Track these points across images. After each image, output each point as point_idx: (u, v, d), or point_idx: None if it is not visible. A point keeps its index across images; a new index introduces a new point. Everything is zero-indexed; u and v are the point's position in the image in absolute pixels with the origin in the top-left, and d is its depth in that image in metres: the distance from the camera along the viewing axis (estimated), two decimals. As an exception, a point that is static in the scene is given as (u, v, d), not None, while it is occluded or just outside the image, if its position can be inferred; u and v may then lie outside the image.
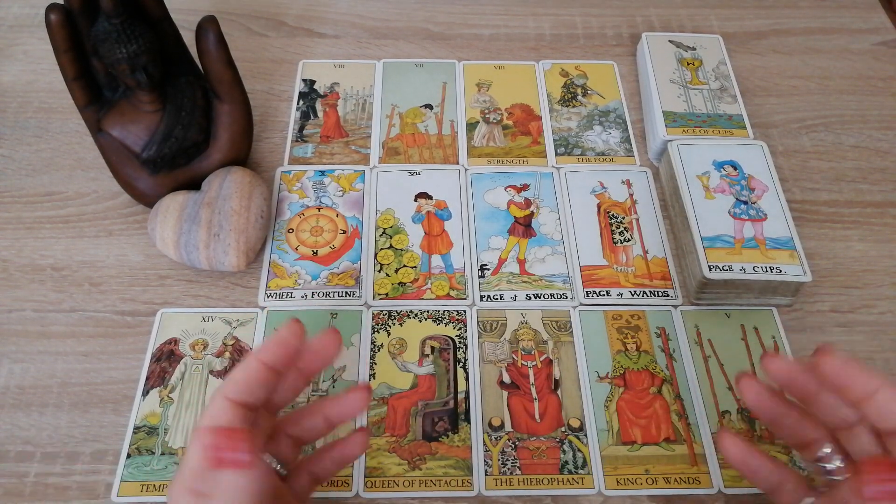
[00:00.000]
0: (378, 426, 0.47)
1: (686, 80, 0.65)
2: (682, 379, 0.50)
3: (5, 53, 0.70)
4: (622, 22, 0.75)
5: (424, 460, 0.46)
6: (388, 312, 0.53)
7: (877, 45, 0.73)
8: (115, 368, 0.50)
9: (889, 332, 0.53)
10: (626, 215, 0.58)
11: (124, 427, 0.47)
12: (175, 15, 0.53)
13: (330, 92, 0.67)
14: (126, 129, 0.53)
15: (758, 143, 0.59)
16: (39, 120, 0.64)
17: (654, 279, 0.55)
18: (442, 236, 0.57)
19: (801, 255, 0.52)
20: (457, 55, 0.71)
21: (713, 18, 0.75)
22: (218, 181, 0.54)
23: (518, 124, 0.65)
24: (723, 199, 0.55)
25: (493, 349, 0.51)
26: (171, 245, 0.52)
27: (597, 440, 0.47)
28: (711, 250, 0.52)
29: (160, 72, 0.52)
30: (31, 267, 0.55)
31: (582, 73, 0.69)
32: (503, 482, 0.45)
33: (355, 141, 0.63)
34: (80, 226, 0.57)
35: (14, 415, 0.48)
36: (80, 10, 0.48)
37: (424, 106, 0.66)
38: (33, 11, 0.74)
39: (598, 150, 0.63)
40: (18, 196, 0.59)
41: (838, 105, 0.67)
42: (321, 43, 0.72)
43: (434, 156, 0.62)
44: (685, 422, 0.48)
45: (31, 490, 0.45)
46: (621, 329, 0.52)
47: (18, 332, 0.52)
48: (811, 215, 0.59)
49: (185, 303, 0.53)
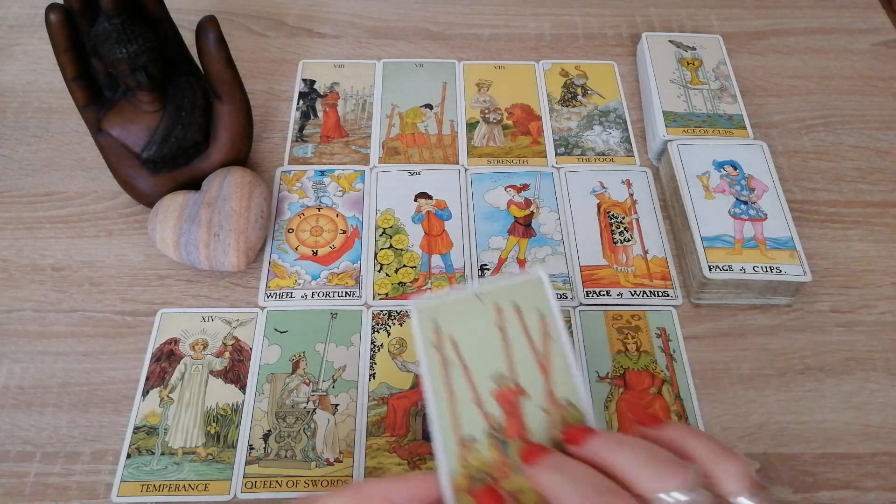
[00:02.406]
0: (378, 426, 0.47)
1: (686, 80, 0.65)
2: (682, 379, 0.50)
3: (5, 53, 0.70)
4: (622, 22, 0.75)
5: (424, 460, 0.46)
6: (388, 312, 0.53)
7: (877, 45, 0.73)
8: (115, 368, 0.50)
9: (889, 332, 0.53)
10: (626, 215, 0.58)
11: (124, 427, 0.47)
12: (175, 15, 0.53)
13: (330, 92, 0.67)
14: (126, 129, 0.53)
15: (758, 143, 0.59)
16: (39, 120, 0.64)
17: (654, 279, 0.55)
18: (442, 236, 0.57)
19: (801, 255, 0.52)
20: (457, 55, 0.71)
21: (713, 18, 0.75)
22: (218, 181, 0.54)
23: (518, 124, 0.65)
24: (723, 199, 0.55)
25: (493, 349, 0.51)
26: (171, 245, 0.52)
27: (597, 440, 0.47)
28: (711, 250, 0.52)
29: (160, 72, 0.52)
30: (31, 267, 0.55)
31: (582, 73, 0.69)
32: (503, 482, 0.45)
33: (355, 141, 0.63)
34: (80, 226, 0.57)
35: (14, 415, 0.48)
36: (80, 10, 0.48)
37: (424, 106, 0.66)
38: (33, 11, 0.74)
39: (598, 150, 0.63)
40: (18, 196, 0.59)
41: (838, 105, 0.67)
42: (321, 43, 0.72)
43: (434, 156, 0.62)
44: (685, 422, 0.48)
45: (31, 490, 0.45)
46: (621, 329, 0.52)
47: (18, 332, 0.52)
48: (811, 215, 0.59)
49: (185, 303, 0.53)
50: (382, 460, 0.46)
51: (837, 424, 0.49)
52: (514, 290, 0.35)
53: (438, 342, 0.34)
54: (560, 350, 0.34)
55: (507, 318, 0.35)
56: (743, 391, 0.50)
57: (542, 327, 0.35)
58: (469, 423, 0.33)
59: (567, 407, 0.33)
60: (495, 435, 0.33)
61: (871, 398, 0.50)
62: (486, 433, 0.32)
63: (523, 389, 0.33)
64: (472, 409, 0.33)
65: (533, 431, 0.33)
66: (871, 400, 0.50)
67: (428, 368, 0.33)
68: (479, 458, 0.32)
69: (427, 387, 0.33)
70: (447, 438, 0.32)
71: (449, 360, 0.34)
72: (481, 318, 0.34)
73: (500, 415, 0.33)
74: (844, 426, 0.49)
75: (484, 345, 0.34)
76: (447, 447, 0.32)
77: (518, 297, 0.35)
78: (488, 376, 0.34)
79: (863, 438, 0.48)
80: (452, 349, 0.34)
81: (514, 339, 0.34)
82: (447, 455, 0.32)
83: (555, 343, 0.34)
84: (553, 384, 0.34)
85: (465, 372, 0.34)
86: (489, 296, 0.35)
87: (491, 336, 0.34)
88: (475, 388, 0.33)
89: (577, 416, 0.33)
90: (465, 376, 0.33)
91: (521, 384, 0.33)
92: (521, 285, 0.35)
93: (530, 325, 0.35)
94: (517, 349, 0.34)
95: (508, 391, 0.33)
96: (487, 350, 0.34)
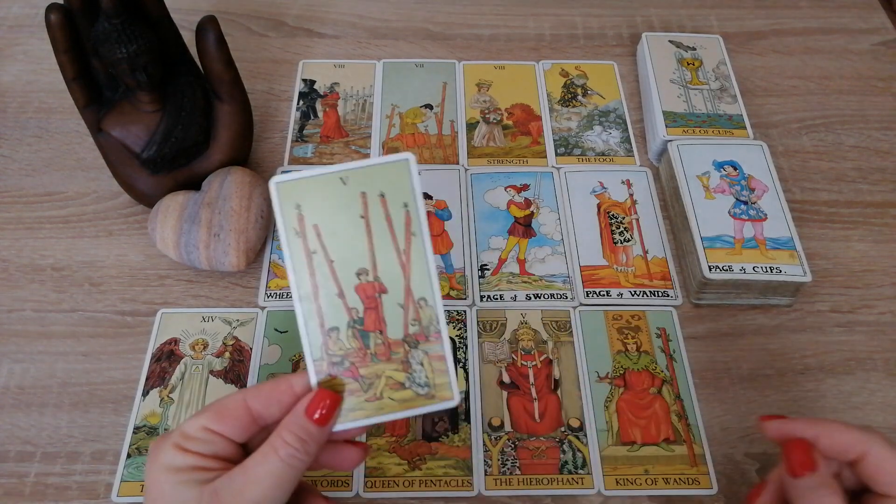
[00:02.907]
0: (378, 426, 0.47)
1: (686, 80, 0.65)
2: (683, 379, 0.50)
3: (5, 53, 0.70)
4: (622, 22, 0.75)
5: (424, 460, 0.46)
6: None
7: (877, 45, 0.73)
8: (115, 368, 0.50)
9: (889, 332, 0.53)
10: (626, 215, 0.58)
11: (124, 427, 0.47)
12: (175, 15, 0.53)
13: (330, 92, 0.67)
14: (126, 129, 0.53)
15: (758, 143, 0.59)
16: (39, 120, 0.64)
17: (654, 279, 0.55)
18: (442, 236, 0.57)
19: (801, 255, 0.52)
20: (457, 55, 0.71)
21: (713, 18, 0.75)
22: (218, 181, 0.54)
23: (518, 124, 0.65)
24: (723, 199, 0.55)
25: (493, 349, 0.51)
26: (171, 245, 0.52)
27: (596, 440, 0.47)
28: (711, 250, 0.52)
29: (160, 72, 0.52)
30: (31, 267, 0.55)
31: (582, 74, 0.69)
32: (503, 482, 0.45)
33: (355, 141, 0.63)
34: (80, 226, 0.57)
35: (14, 415, 0.48)
36: (80, 10, 0.48)
37: (424, 106, 0.66)
38: (33, 11, 0.74)
39: (598, 150, 0.63)
40: (18, 196, 0.59)
41: (838, 105, 0.67)
42: (321, 43, 0.72)
43: (434, 156, 0.62)
44: (685, 422, 0.48)
45: (31, 490, 0.45)
46: (621, 329, 0.52)
47: (18, 332, 0.52)
48: (811, 215, 0.59)
49: (185, 303, 0.53)
50: (382, 460, 0.46)
51: (837, 424, 0.49)
52: (380, 173, 0.35)
53: (302, 230, 0.35)
54: (420, 246, 0.35)
55: (372, 209, 0.35)
56: (743, 391, 0.50)
57: (405, 221, 0.35)
58: (332, 316, 0.35)
59: (421, 304, 0.35)
60: (356, 327, 0.35)
61: (871, 398, 0.50)
62: (348, 325, 0.35)
63: (384, 285, 0.35)
64: (336, 302, 0.35)
65: (389, 325, 0.35)
66: (871, 400, 0.50)
67: (292, 260, 0.35)
68: (340, 346, 0.35)
69: (291, 278, 0.34)
70: (311, 330, 0.35)
71: (313, 252, 0.35)
72: (346, 207, 0.35)
73: (361, 308, 0.35)
74: (844, 426, 0.49)
75: (348, 237, 0.35)
76: (312, 338, 0.35)
77: (384, 182, 0.35)
78: (351, 270, 0.35)
79: (863, 438, 0.48)
80: (316, 239, 0.35)
81: (377, 232, 0.35)
82: (312, 345, 0.35)
83: (416, 238, 0.35)
84: (411, 281, 0.35)
85: (329, 265, 0.35)
86: (354, 178, 0.35)
87: (355, 228, 0.35)
88: (339, 281, 0.35)
89: (430, 313, 0.35)
90: (329, 269, 0.35)
91: (382, 280, 0.35)
92: (388, 167, 0.35)
93: (394, 219, 0.35)
94: (380, 243, 0.35)
95: (370, 286, 0.35)
96: (351, 242, 0.35)
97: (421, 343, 0.35)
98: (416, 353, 0.35)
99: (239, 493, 0.32)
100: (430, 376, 0.35)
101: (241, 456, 0.34)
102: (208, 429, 0.34)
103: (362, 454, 0.37)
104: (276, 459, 0.32)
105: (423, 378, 0.35)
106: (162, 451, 0.33)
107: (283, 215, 0.34)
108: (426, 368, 0.35)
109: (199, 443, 0.33)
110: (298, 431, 0.33)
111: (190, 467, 0.33)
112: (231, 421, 0.34)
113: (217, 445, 0.34)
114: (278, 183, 0.34)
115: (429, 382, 0.35)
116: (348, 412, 0.35)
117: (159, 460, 0.33)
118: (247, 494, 0.32)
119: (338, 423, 0.35)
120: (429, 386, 0.35)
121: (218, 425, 0.34)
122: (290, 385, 0.35)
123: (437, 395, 0.35)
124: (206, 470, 0.33)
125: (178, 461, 0.33)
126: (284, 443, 0.33)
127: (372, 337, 0.35)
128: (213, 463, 0.33)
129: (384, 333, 0.35)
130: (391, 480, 0.45)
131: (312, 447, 0.33)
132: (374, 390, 0.35)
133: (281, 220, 0.34)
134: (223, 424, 0.34)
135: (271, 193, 0.34)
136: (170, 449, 0.33)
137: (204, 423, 0.34)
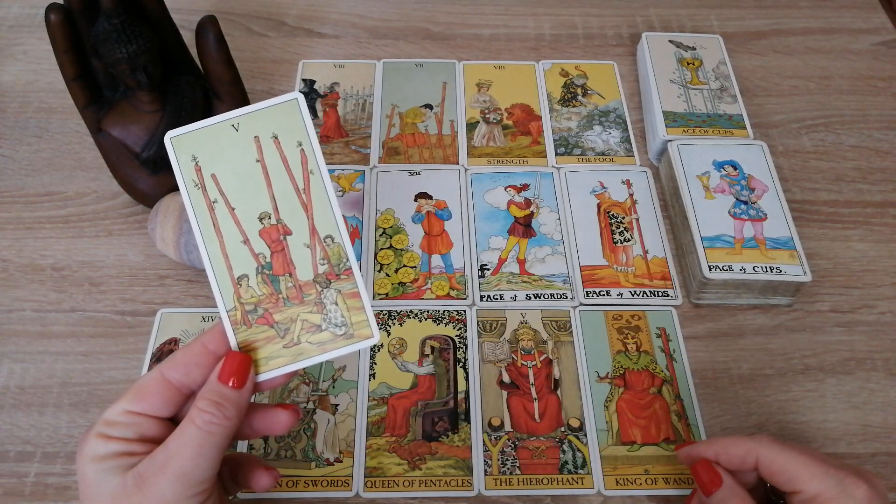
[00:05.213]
0: (378, 426, 0.47)
1: (686, 80, 0.65)
2: (682, 379, 0.50)
3: (5, 53, 0.70)
4: (622, 22, 0.75)
5: (424, 460, 0.46)
6: (388, 312, 0.53)
7: (877, 45, 0.73)
8: (115, 368, 0.50)
9: (889, 332, 0.53)
10: (626, 215, 0.58)
11: (124, 427, 0.47)
12: (175, 15, 0.53)
13: (330, 92, 0.67)
14: (126, 129, 0.53)
15: (758, 143, 0.59)
16: (39, 120, 0.64)
17: (654, 279, 0.55)
18: (442, 236, 0.57)
19: (801, 255, 0.52)
20: (457, 55, 0.71)
21: (713, 18, 0.75)
22: (218, 181, 0.54)
23: (518, 124, 0.65)
24: (723, 199, 0.55)
25: (493, 349, 0.51)
26: (171, 245, 0.52)
27: (596, 440, 0.47)
28: (711, 250, 0.52)
29: (160, 72, 0.52)
30: (31, 267, 0.55)
31: (582, 73, 0.69)
32: (503, 482, 0.45)
33: (355, 141, 0.63)
34: (80, 226, 0.57)
35: (14, 415, 0.48)
36: (80, 10, 0.48)
37: (424, 106, 0.66)
38: (33, 11, 0.74)
39: (598, 150, 0.63)
40: (18, 196, 0.59)
41: (838, 105, 0.67)
42: (321, 43, 0.72)
43: (434, 156, 0.62)
44: (685, 422, 0.48)
45: (31, 490, 0.45)
46: (621, 329, 0.52)
47: (18, 332, 0.52)
48: (811, 215, 0.59)
49: (185, 303, 0.53)
50: (382, 460, 0.46)
51: (837, 424, 0.49)
52: (271, 115, 0.35)
53: (201, 181, 0.35)
54: (319, 183, 0.35)
55: (267, 152, 0.35)
56: (743, 391, 0.50)
57: (301, 160, 0.35)
58: (240, 264, 0.35)
59: (327, 242, 0.35)
60: (265, 272, 0.35)
61: (871, 398, 0.50)
62: (257, 271, 0.35)
63: (288, 227, 0.35)
64: (242, 248, 0.35)
65: (298, 267, 0.35)
66: (871, 400, 0.50)
67: (194, 212, 0.35)
68: (252, 293, 0.35)
69: (196, 230, 0.35)
70: (222, 280, 0.35)
71: (214, 201, 0.35)
72: (242, 153, 0.35)
73: (268, 253, 0.35)
74: (844, 426, 0.49)
75: (247, 182, 0.35)
76: (223, 289, 0.35)
77: (276, 124, 0.35)
78: (254, 215, 0.35)
79: (863, 438, 0.48)
80: (216, 189, 0.35)
81: (275, 174, 0.35)
82: (223, 295, 0.35)
83: (314, 176, 0.35)
84: (314, 220, 0.35)
85: (231, 213, 0.35)
86: (245, 123, 0.35)
87: (253, 172, 0.35)
88: (242, 228, 0.35)
89: (338, 250, 0.35)
90: (231, 217, 0.35)
91: (285, 221, 0.35)
92: (278, 108, 0.35)
93: (290, 159, 0.35)
94: (279, 185, 0.35)
95: (273, 229, 0.35)
96: (251, 187, 0.35)
97: (333, 282, 0.35)
98: (329, 292, 0.35)
99: (160, 470, 0.32)
100: (346, 314, 0.35)
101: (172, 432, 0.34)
102: (129, 411, 0.34)
103: (294, 416, 0.36)
104: (193, 429, 0.32)
105: (340, 318, 0.35)
106: (87, 442, 0.33)
107: (181, 168, 0.35)
108: (341, 307, 0.35)
109: (121, 427, 0.33)
110: (213, 397, 0.33)
111: (113, 454, 0.33)
112: (151, 398, 0.34)
113: (142, 427, 0.34)
114: (172, 137, 0.35)
115: (346, 322, 0.35)
116: (268, 361, 0.35)
117: (84, 452, 0.33)
118: (168, 469, 0.32)
119: (259, 374, 0.34)
120: (346, 325, 0.35)
121: (138, 405, 0.34)
122: (203, 345, 0.35)
123: (355, 333, 0.35)
124: (132, 455, 0.33)
125: (101, 449, 0.33)
126: (200, 410, 0.33)
127: (282, 281, 0.35)
128: (140, 447, 0.33)
129: (294, 276, 0.35)
130: (391, 480, 0.45)
131: (231, 410, 0.33)
132: (291, 335, 0.35)
133: (179, 173, 0.35)
134: (143, 403, 0.34)
135: (167, 147, 0.34)
136: (93, 439, 0.33)
137: (124, 407, 0.34)
